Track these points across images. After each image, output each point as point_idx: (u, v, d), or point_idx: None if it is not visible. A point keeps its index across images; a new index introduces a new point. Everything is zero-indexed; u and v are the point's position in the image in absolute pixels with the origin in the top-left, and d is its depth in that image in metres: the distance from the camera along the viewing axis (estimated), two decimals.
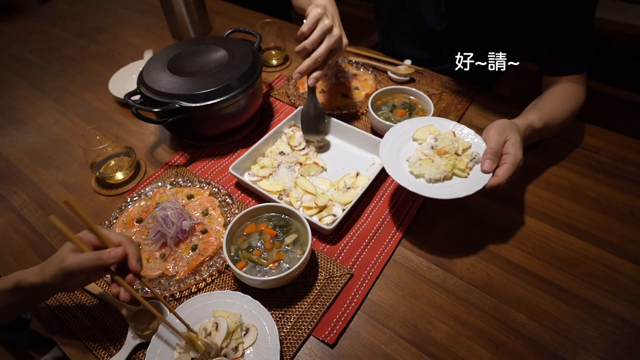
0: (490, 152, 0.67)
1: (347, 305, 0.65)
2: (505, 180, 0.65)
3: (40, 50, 1.34)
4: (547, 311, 0.63)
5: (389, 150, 0.73)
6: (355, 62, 1.13)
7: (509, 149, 0.67)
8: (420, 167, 0.69)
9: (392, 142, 0.75)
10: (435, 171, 0.68)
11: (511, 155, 0.66)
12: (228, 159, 0.90)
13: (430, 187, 0.67)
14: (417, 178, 0.69)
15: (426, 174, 0.68)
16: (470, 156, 0.70)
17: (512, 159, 0.66)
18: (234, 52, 0.90)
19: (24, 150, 0.97)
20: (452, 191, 0.65)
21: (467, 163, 0.69)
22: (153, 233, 0.71)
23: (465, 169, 0.68)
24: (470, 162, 0.69)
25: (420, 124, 0.77)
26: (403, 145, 0.75)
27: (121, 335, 0.63)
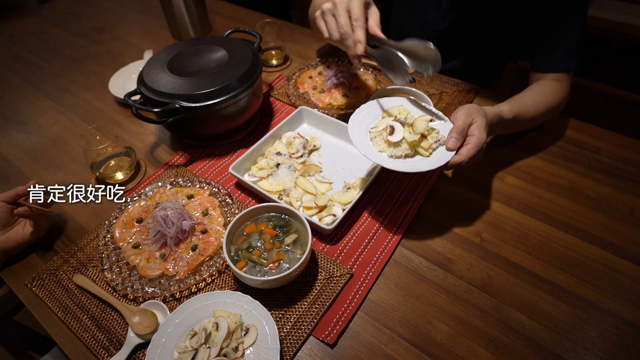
0: (455, 130, 0.68)
1: (347, 305, 0.65)
2: (467, 159, 0.67)
3: (40, 50, 1.34)
4: (547, 311, 0.63)
5: (358, 123, 0.74)
6: None
7: (474, 131, 0.69)
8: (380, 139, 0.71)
9: (362, 116, 0.76)
10: (397, 149, 0.70)
11: (475, 136, 0.68)
12: (228, 159, 0.90)
13: (392, 161, 0.69)
14: (380, 152, 0.71)
15: (387, 151, 0.70)
16: (435, 138, 0.71)
17: (476, 140, 0.68)
18: (234, 52, 0.90)
19: (24, 150, 0.97)
20: (414, 166, 0.68)
21: (431, 144, 0.70)
22: (153, 233, 0.71)
23: (428, 149, 0.70)
24: (435, 143, 0.71)
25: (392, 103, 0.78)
26: (372, 120, 0.76)
27: (121, 335, 0.63)
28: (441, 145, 0.71)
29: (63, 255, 0.73)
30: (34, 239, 0.74)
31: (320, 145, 0.91)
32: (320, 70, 1.11)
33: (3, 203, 0.70)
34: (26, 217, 0.71)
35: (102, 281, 0.69)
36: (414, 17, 1.10)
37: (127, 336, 0.61)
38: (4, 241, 0.70)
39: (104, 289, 0.68)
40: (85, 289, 0.67)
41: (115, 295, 0.67)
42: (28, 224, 0.73)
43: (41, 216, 0.73)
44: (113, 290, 0.68)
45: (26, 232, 0.72)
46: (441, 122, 0.74)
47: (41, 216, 0.73)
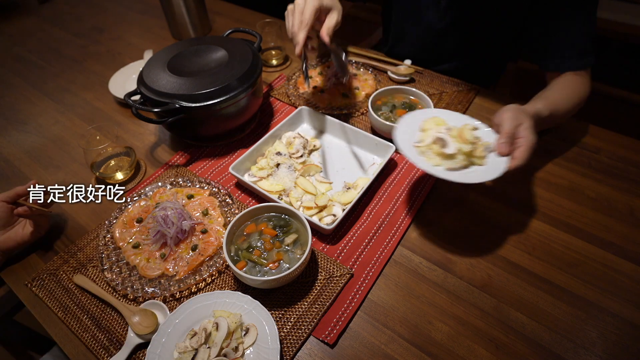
0: (505, 135, 0.67)
1: (347, 305, 0.65)
2: (523, 162, 0.66)
3: (40, 50, 1.34)
4: (547, 311, 0.63)
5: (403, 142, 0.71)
6: (355, 62, 1.13)
7: (522, 133, 0.68)
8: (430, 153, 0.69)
9: (402, 134, 0.72)
10: (454, 162, 0.67)
11: (525, 138, 0.67)
12: (228, 159, 0.90)
13: (454, 174, 0.67)
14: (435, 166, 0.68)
15: (443, 164, 0.68)
16: (483, 145, 0.69)
17: (527, 142, 0.67)
18: (234, 52, 0.90)
19: (24, 150, 0.97)
20: (476, 176, 0.66)
21: (482, 151, 0.68)
22: (153, 233, 0.71)
23: (482, 157, 0.68)
24: (484, 150, 0.69)
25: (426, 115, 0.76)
26: (411, 136, 0.73)
27: (121, 335, 0.63)
28: (490, 152, 0.69)
29: (63, 255, 0.73)
30: (34, 239, 0.74)
31: (320, 145, 0.91)
32: (320, 70, 1.11)
33: (3, 203, 0.70)
34: (26, 217, 0.71)
35: (102, 281, 0.69)
36: (413, 17, 1.10)
37: (127, 336, 0.61)
38: (4, 241, 0.70)
39: (104, 289, 0.68)
40: (85, 289, 0.67)
41: (115, 295, 0.67)
42: (28, 224, 0.73)
43: (41, 216, 0.73)
44: (113, 290, 0.68)
45: (26, 232, 0.72)
46: (483, 127, 0.73)
47: (41, 216, 0.73)
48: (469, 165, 0.69)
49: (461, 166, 0.68)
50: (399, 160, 0.88)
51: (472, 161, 0.69)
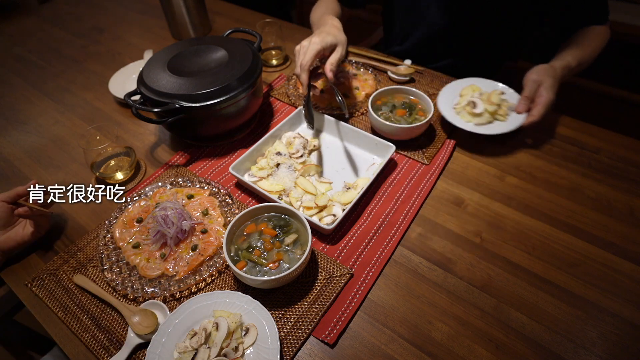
0: (524, 97, 0.85)
1: (347, 305, 0.65)
2: (539, 117, 0.82)
3: (41, 50, 1.34)
4: (547, 311, 0.63)
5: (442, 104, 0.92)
6: (355, 62, 1.13)
7: (542, 92, 0.83)
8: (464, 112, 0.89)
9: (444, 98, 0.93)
10: (480, 118, 0.87)
11: (543, 97, 0.82)
12: (228, 159, 0.90)
13: (479, 128, 0.86)
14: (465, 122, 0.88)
15: (473, 121, 0.87)
16: (507, 105, 0.88)
17: (544, 100, 0.82)
18: (234, 52, 0.90)
19: (24, 150, 0.97)
20: (498, 129, 0.85)
21: (506, 110, 0.87)
22: (153, 233, 0.71)
23: (505, 115, 0.87)
24: (508, 109, 0.88)
25: (465, 84, 0.96)
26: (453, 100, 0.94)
27: (121, 335, 0.63)
28: (513, 111, 0.88)
29: (63, 255, 0.73)
30: (34, 239, 0.74)
31: (320, 145, 0.91)
32: (320, 71, 1.11)
33: (3, 203, 0.70)
34: (26, 217, 0.71)
35: (102, 281, 0.69)
36: (414, 14, 1.11)
37: (127, 336, 0.61)
38: (4, 241, 0.70)
39: (104, 289, 0.68)
40: (85, 289, 0.67)
41: (115, 295, 0.67)
42: (28, 224, 0.73)
43: (41, 216, 0.73)
44: (113, 290, 0.68)
45: (26, 232, 0.72)
46: (510, 92, 0.91)
47: (41, 216, 0.73)
48: (492, 122, 0.88)
49: (486, 122, 0.87)
50: (399, 160, 0.88)
51: (496, 118, 0.88)
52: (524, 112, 0.85)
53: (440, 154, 0.89)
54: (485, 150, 0.90)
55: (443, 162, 0.87)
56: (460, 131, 0.91)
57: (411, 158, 0.88)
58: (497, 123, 0.87)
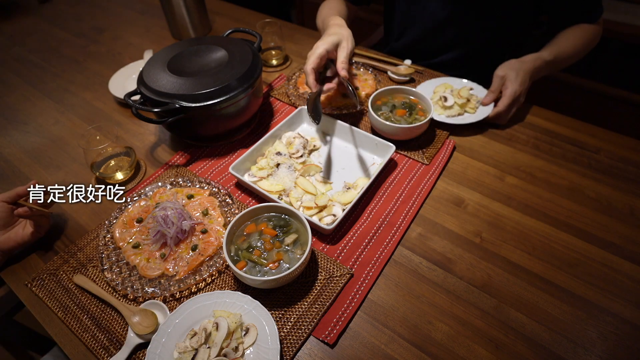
0: (489, 91, 0.93)
1: (347, 305, 0.65)
2: (504, 107, 0.89)
3: (40, 50, 1.34)
4: (547, 311, 0.63)
5: None
6: (355, 62, 1.13)
7: (507, 85, 0.89)
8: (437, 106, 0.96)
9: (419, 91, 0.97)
10: (451, 111, 0.94)
11: (508, 89, 0.89)
12: (228, 159, 0.90)
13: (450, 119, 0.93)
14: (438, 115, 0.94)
15: (444, 113, 0.95)
16: (476, 99, 0.96)
17: (509, 92, 0.88)
18: (234, 52, 0.90)
19: (24, 150, 0.97)
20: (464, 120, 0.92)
21: (474, 104, 0.95)
22: (153, 233, 0.71)
23: (474, 108, 0.95)
24: (477, 103, 0.95)
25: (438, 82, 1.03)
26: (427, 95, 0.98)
27: (121, 335, 0.63)
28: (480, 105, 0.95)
29: (63, 255, 0.73)
30: (34, 239, 0.74)
31: (320, 145, 0.91)
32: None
33: (3, 203, 0.70)
34: (26, 217, 0.71)
35: (102, 281, 0.69)
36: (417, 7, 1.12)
37: (127, 336, 0.61)
38: (4, 241, 0.70)
39: (104, 289, 0.68)
40: (85, 289, 0.67)
41: (115, 295, 0.67)
42: (28, 225, 0.73)
43: (41, 217, 0.73)
44: (113, 290, 0.68)
45: (26, 233, 0.72)
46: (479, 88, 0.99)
47: (41, 217, 0.73)
48: (463, 114, 0.95)
49: (457, 114, 0.94)
50: (399, 160, 0.88)
51: (466, 111, 0.95)
52: (488, 104, 0.92)
53: (440, 154, 0.89)
54: (485, 150, 0.90)
55: (443, 162, 0.87)
56: (460, 131, 0.92)
57: (411, 158, 0.88)
58: (467, 115, 0.95)
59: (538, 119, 0.97)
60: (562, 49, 0.96)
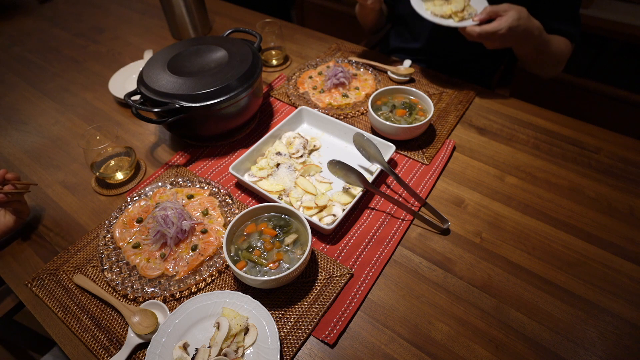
0: (485, 10, 0.88)
1: (347, 305, 0.65)
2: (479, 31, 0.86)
3: (40, 50, 1.34)
4: (547, 311, 0.63)
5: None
6: (355, 62, 1.13)
7: (503, 18, 0.86)
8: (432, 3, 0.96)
9: None
10: (439, 9, 0.94)
11: (498, 22, 0.86)
12: (228, 159, 0.90)
13: (431, 17, 0.93)
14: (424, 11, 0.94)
15: (432, 9, 0.95)
16: (469, 11, 0.93)
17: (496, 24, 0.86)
18: (234, 52, 0.90)
19: (24, 150, 0.97)
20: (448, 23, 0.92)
21: (464, 14, 0.93)
22: (153, 233, 0.71)
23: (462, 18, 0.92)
24: (467, 15, 0.93)
25: None
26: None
27: (121, 335, 0.63)
28: (471, 19, 0.92)
29: (63, 255, 0.73)
30: (17, 226, 0.75)
31: (320, 145, 0.91)
32: (320, 70, 1.11)
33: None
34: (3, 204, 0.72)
35: (102, 281, 0.69)
36: None
37: (127, 336, 0.61)
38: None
39: (104, 289, 0.68)
40: (85, 289, 0.67)
41: (115, 295, 0.67)
42: (7, 213, 0.74)
43: (19, 202, 0.75)
44: (113, 290, 0.68)
45: (8, 220, 0.73)
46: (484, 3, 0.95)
47: (19, 202, 0.75)
48: (447, 18, 0.93)
49: (441, 15, 0.93)
50: (399, 160, 0.88)
51: (452, 16, 0.93)
52: (477, 21, 0.89)
53: (440, 154, 0.89)
54: (485, 150, 0.90)
55: (443, 162, 0.87)
56: (460, 131, 0.92)
57: (411, 158, 0.88)
58: (450, 21, 0.93)
59: (538, 119, 0.97)
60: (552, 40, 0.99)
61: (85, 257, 0.73)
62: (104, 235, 0.74)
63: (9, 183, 0.72)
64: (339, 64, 1.11)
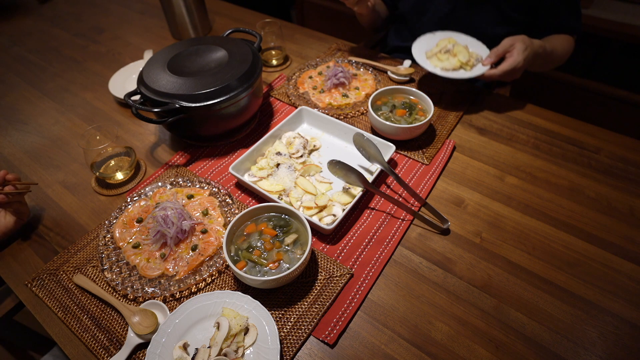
0: (493, 51, 0.92)
1: (347, 305, 0.65)
2: (501, 72, 0.90)
3: (40, 50, 1.34)
4: (547, 311, 0.63)
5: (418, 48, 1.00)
6: (355, 62, 1.13)
7: (513, 53, 0.89)
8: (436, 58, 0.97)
9: (420, 45, 1.02)
10: (449, 63, 0.95)
11: (513, 57, 0.89)
12: (228, 159, 0.90)
13: (444, 73, 0.94)
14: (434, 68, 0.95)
15: (441, 64, 0.95)
16: (475, 57, 0.96)
17: (512, 61, 0.88)
18: (234, 52, 0.90)
19: (24, 150, 0.97)
20: (459, 75, 0.93)
21: (472, 61, 0.95)
22: (153, 233, 0.71)
23: (471, 66, 0.95)
24: (475, 61, 0.96)
25: (444, 35, 1.04)
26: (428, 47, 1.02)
27: (121, 335, 0.63)
28: (480, 63, 0.95)
29: (63, 255, 0.73)
30: (17, 227, 0.75)
31: (320, 145, 0.91)
32: (320, 70, 1.11)
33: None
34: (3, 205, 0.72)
35: (102, 281, 0.69)
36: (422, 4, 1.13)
37: (127, 336, 0.61)
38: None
39: (104, 289, 0.68)
40: (85, 289, 0.67)
41: (115, 295, 0.67)
42: (8, 214, 0.74)
43: (19, 203, 0.74)
44: (113, 290, 0.68)
45: (8, 222, 0.73)
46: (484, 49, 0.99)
47: (19, 203, 0.74)
48: (458, 69, 0.95)
49: (452, 68, 0.94)
50: (399, 160, 0.88)
51: (462, 67, 0.95)
52: (488, 65, 0.92)
53: (440, 154, 0.89)
54: (485, 150, 0.90)
55: (443, 162, 0.87)
56: (460, 131, 0.92)
57: (411, 158, 0.88)
58: (462, 71, 0.95)
59: (538, 119, 0.97)
60: (555, 47, 1.01)
61: (85, 257, 0.73)
62: (104, 235, 0.74)
63: (10, 184, 0.72)
64: (339, 64, 1.11)
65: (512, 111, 1.00)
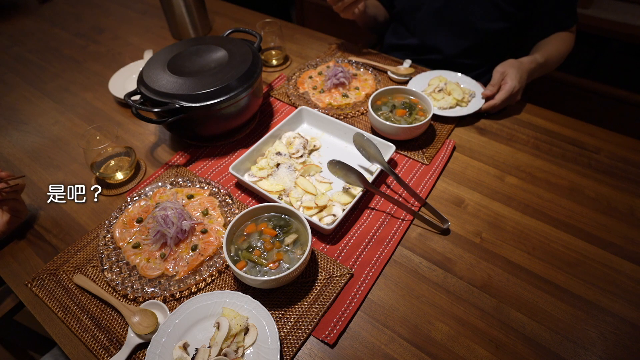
0: (490, 85, 0.95)
1: (347, 305, 0.65)
2: (499, 101, 0.93)
3: (40, 50, 1.34)
4: (547, 311, 0.63)
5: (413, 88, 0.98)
6: (355, 62, 1.13)
7: (507, 80, 0.93)
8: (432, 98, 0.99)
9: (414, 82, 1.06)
10: (445, 102, 0.97)
11: (508, 84, 0.92)
12: (228, 159, 0.90)
13: (443, 111, 0.96)
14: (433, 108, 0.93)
15: (438, 104, 0.97)
16: (468, 93, 0.99)
17: (508, 87, 0.92)
18: (234, 52, 0.90)
19: (24, 150, 0.97)
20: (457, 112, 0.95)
21: (467, 98, 0.98)
22: (153, 233, 0.71)
23: (467, 102, 0.98)
24: (469, 97, 0.99)
25: (433, 75, 1.07)
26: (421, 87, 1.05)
27: (121, 335, 0.63)
28: (474, 98, 0.98)
29: (63, 255, 0.73)
30: (15, 225, 0.75)
31: (320, 145, 0.91)
32: (320, 70, 1.11)
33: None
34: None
35: (102, 281, 0.69)
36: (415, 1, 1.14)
37: (127, 336, 0.61)
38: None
39: (104, 289, 0.68)
40: (85, 289, 0.67)
41: (115, 295, 0.67)
42: (5, 212, 0.74)
43: (16, 201, 0.74)
44: (113, 290, 0.68)
45: (4, 220, 0.73)
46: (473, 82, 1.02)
47: (16, 201, 0.74)
48: (455, 107, 0.98)
49: (449, 107, 0.97)
50: (399, 160, 0.88)
51: (458, 104, 0.98)
52: (487, 97, 0.95)
53: (440, 154, 0.89)
54: (485, 150, 0.90)
55: (443, 162, 0.87)
56: (459, 132, 0.92)
57: (411, 158, 0.88)
58: (459, 108, 0.97)
59: (538, 119, 0.97)
60: (550, 52, 1.04)
61: (85, 257, 0.73)
62: (104, 235, 0.74)
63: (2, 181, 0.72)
64: (339, 64, 1.11)
65: (512, 111, 1.00)
